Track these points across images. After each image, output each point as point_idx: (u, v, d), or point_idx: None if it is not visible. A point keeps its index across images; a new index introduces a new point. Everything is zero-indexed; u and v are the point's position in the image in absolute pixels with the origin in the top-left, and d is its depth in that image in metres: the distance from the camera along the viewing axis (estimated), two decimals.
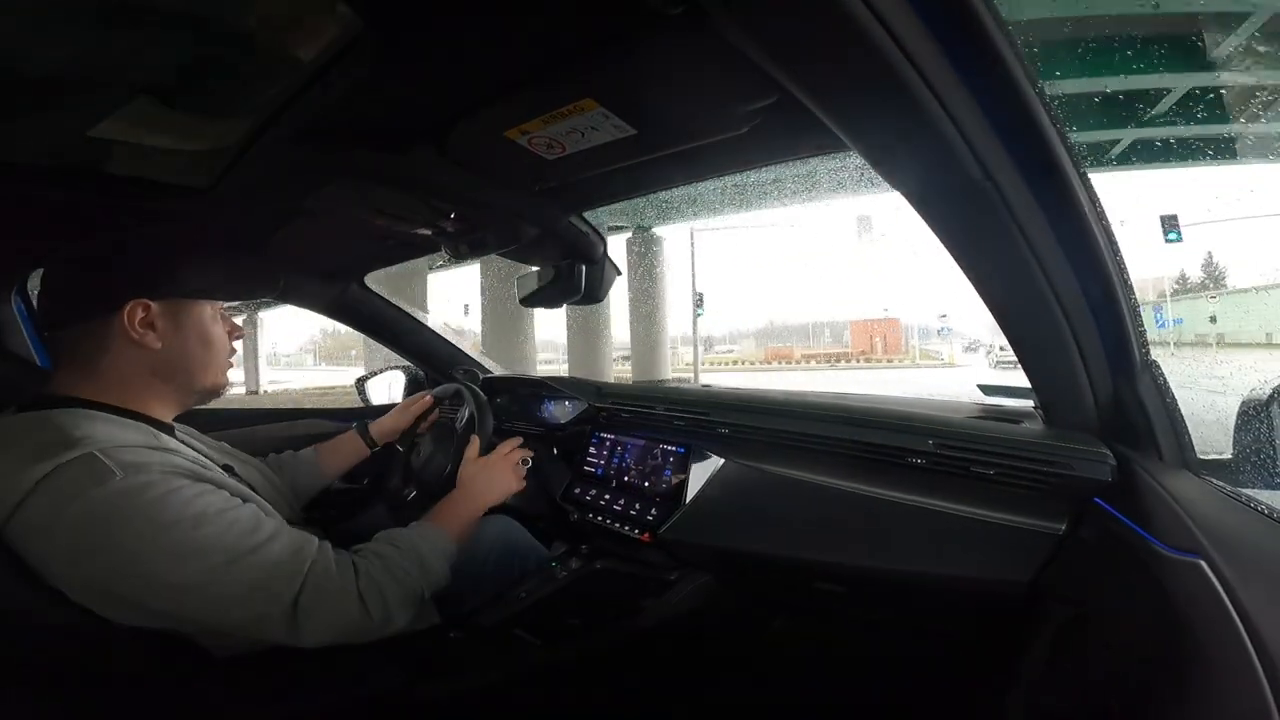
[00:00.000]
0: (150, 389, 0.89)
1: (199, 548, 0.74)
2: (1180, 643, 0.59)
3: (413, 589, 0.87)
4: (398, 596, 0.85)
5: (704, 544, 1.26)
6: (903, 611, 1.27)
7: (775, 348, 30.60)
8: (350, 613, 0.80)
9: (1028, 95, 0.58)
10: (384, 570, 0.85)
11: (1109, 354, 0.84)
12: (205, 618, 0.76)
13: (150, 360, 0.87)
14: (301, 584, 0.78)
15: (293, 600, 0.77)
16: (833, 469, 1.20)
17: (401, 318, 2.03)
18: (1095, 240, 0.71)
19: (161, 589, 0.73)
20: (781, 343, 47.29)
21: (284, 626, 0.77)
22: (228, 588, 0.75)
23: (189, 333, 0.91)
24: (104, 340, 0.85)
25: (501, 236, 1.27)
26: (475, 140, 0.91)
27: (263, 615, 0.76)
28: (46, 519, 0.72)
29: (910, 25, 0.51)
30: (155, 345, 0.87)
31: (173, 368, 0.90)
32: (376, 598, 0.83)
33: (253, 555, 0.76)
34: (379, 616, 0.82)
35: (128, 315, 0.84)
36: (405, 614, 0.85)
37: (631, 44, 0.68)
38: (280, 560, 0.78)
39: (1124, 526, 0.78)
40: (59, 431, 0.77)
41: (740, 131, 0.84)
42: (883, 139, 0.69)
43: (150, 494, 0.75)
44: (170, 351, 0.88)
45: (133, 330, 0.85)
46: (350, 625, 0.81)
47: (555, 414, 1.86)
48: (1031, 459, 0.94)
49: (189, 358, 0.91)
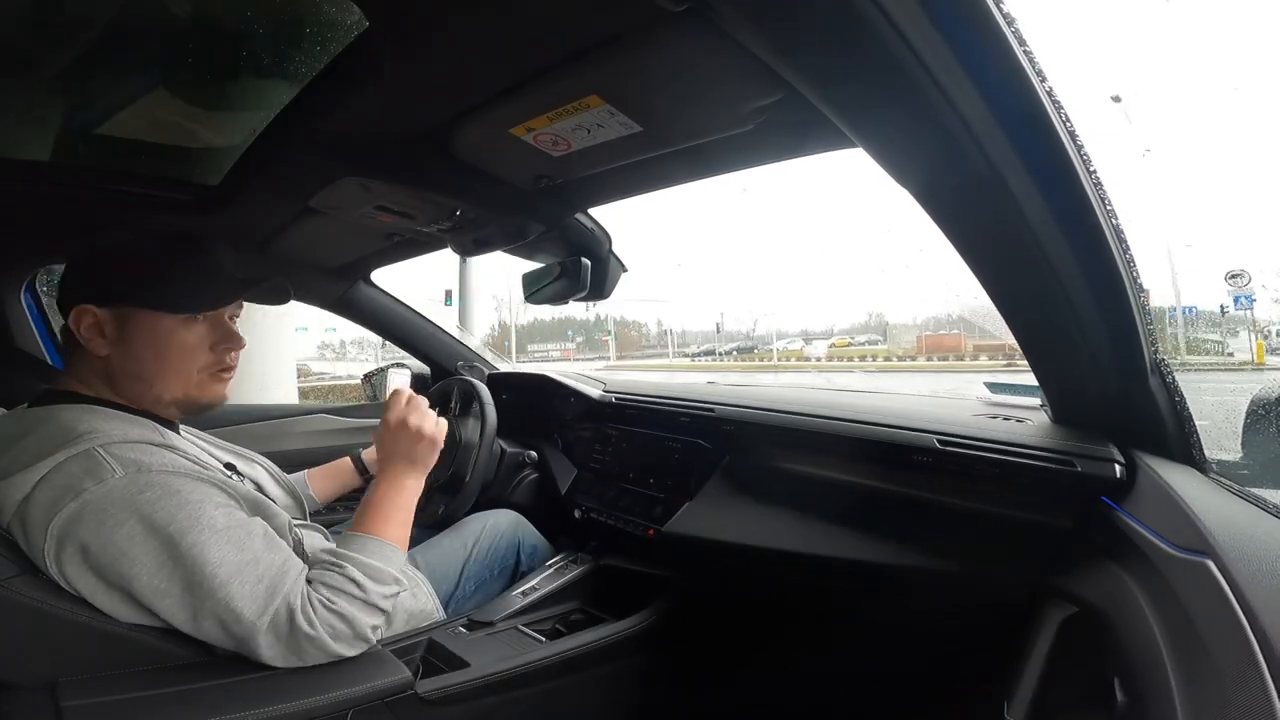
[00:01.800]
0: (119, 394, 0.87)
1: (180, 557, 0.74)
2: (1187, 643, 0.59)
3: (372, 615, 0.84)
4: (360, 628, 0.83)
5: (708, 539, 1.26)
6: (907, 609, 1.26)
7: (937, 336, 23.92)
8: (316, 649, 0.80)
9: (1035, 92, 0.58)
10: (346, 605, 0.82)
11: (1118, 353, 0.83)
12: (181, 623, 0.76)
13: (103, 365, 0.86)
14: (272, 617, 0.77)
15: (263, 631, 0.77)
16: (837, 466, 1.20)
17: (407, 315, 2.04)
18: (1105, 238, 0.71)
19: (143, 590, 0.74)
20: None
21: (251, 648, 0.77)
22: (200, 602, 0.75)
23: (135, 342, 0.86)
24: (72, 340, 0.86)
25: (507, 233, 1.28)
26: (481, 137, 0.91)
27: (231, 635, 0.77)
28: (46, 514, 0.73)
29: (916, 21, 0.50)
30: (101, 351, 0.85)
31: (124, 376, 0.87)
32: (344, 633, 0.81)
33: (230, 577, 0.76)
34: (345, 649, 0.82)
35: (74, 319, 0.84)
36: (365, 644, 0.84)
37: (637, 40, 0.67)
38: (256, 589, 0.77)
39: (1131, 526, 0.78)
40: (62, 427, 0.78)
41: (746, 128, 0.84)
42: (889, 136, 0.69)
43: (146, 495, 0.75)
44: (118, 360, 0.86)
45: (78, 334, 0.84)
46: (318, 658, 0.80)
47: (560, 410, 1.86)
48: (1038, 457, 0.94)
49: (140, 367, 0.87)
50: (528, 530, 1.44)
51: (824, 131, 0.84)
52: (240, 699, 0.76)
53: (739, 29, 0.58)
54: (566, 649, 1.10)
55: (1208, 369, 6.63)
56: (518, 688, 1.02)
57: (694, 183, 1.12)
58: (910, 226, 1.85)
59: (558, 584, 1.31)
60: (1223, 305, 9.32)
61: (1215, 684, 0.53)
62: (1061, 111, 0.61)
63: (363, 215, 1.19)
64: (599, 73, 0.73)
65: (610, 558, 1.42)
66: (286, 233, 1.36)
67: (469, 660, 1.01)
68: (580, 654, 1.10)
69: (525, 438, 1.80)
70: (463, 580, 1.26)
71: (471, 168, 1.00)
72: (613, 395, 1.72)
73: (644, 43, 0.67)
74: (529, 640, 1.14)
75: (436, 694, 0.92)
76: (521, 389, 1.99)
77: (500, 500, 1.62)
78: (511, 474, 1.68)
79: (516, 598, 1.26)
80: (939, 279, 4.31)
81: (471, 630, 1.14)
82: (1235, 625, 0.53)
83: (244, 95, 1.03)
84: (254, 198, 1.19)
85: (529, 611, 1.23)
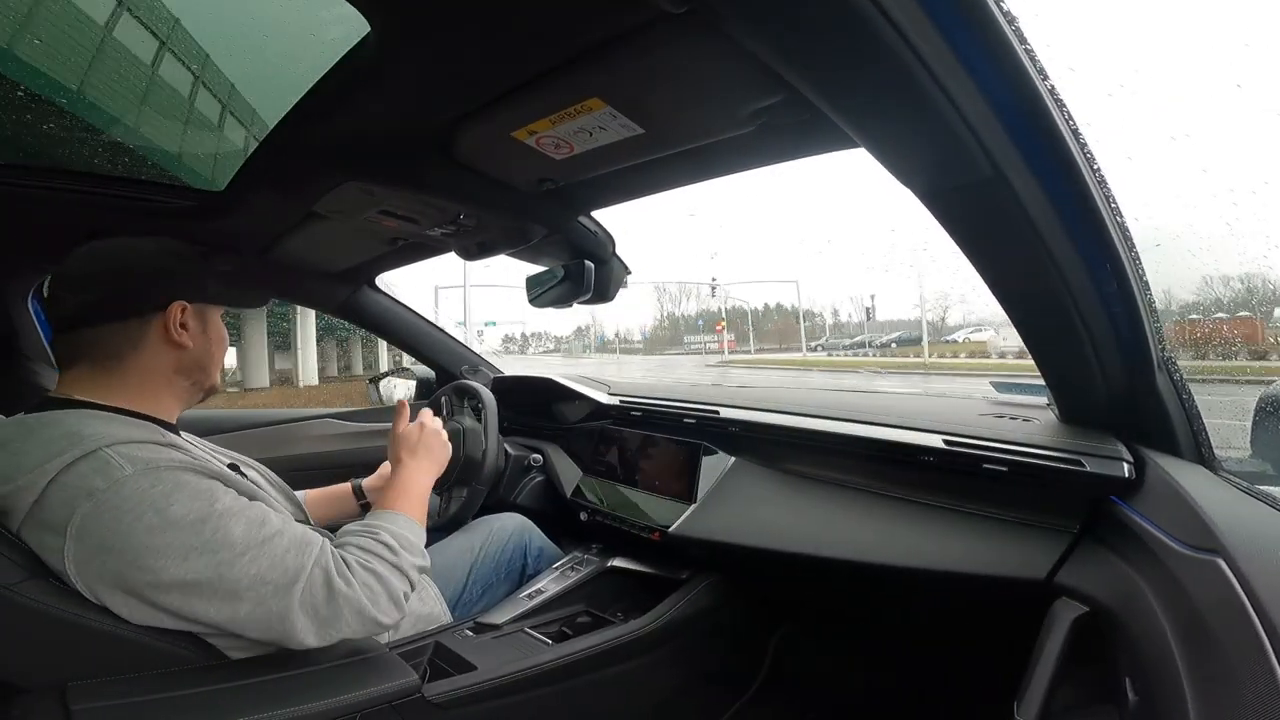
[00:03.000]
0: (170, 386, 0.92)
1: (205, 543, 0.75)
2: (1198, 642, 0.58)
3: (404, 581, 0.88)
4: (394, 591, 0.85)
5: (714, 541, 1.25)
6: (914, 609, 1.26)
7: (1216, 323, 5.45)
8: (353, 611, 0.81)
9: (1038, 91, 0.57)
10: (380, 565, 0.85)
11: (1125, 351, 0.83)
12: (212, 614, 0.76)
13: (178, 359, 0.90)
14: (307, 581, 0.79)
15: (299, 598, 0.78)
16: (843, 467, 1.20)
17: (411, 319, 2.04)
18: (1110, 237, 0.70)
19: (171, 584, 0.74)
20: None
21: (289, 624, 0.78)
22: (233, 583, 0.76)
23: (211, 334, 0.95)
24: (137, 339, 0.87)
25: (511, 237, 1.28)
26: (483, 141, 0.91)
27: (269, 612, 0.77)
28: (60, 517, 0.73)
29: (918, 21, 0.50)
30: (188, 344, 0.90)
31: (195, 366, 0.93)
32: (379, 594, 0.83)
33: (259, 550, 0.77)
34: (380, 614, 0.83)
35: (172, 315, 0.88)
36: (398, 611, 0.86)
37: (638, 43, 0.67)
38: (286, 558, 0.79)
39: (1141, 525, 0.77)
40: (68, 431, 0.78)
41: (748, 129, 0.84)
42: (890, 137, 0.69)
43: (160, 489, 0.76)
44: (196, 351, 0.92)
45: (174, 330, 0.88)
46: (352, 624, 0.81)
47: (565, 413, 1.86)
48: (1045, 457, 0.93)
49: (209, 357, 0.95)
50: (534, 533, 1.44)
51: (826, 132, 0.84)
52: (249, 702, 0.76)
53: (740, 31, 0.58)
54: (573, 652, 1.09)
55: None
56: (524, 691, 1.02)
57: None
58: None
59: (564, 587, 1.31)
60: None
61: (1227, 682, 0.53)
62: (1064, 109, 0.61)
63: (366, 220, 1.20)
64: (600, 75, 0.73)
65: (616, 560, 1.42)
66: (291, 238, 1.37)
67: (476, 664, 1.01)
68: (587, 657, 1.10)
69: (531, 441, 1.80)
70: (469, 583, 1.27)
71: (474, 171, 1.00)
72: (618, 398, 1.72)
73: (645, 45, 0.67)
74: (535, 643, 1.14)
75: (444, 697, 0.92)
76: (527, 392, 1.99)
77: (506, 503, 1.62)
78: (517, 477, 1.69)
79: (523, 600, 1.26)
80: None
81: (478, 633, 1.14)
82: (1247, 624, 0.53)
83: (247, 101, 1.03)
84: (258, 203, 1.19)
85: (535, 614, 1.24)
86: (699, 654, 1.30)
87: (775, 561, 1.21)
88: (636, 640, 1.17)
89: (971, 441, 1.02)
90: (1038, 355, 0.91)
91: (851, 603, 1.33)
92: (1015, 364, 16.49)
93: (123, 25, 1.03)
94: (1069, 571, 0.86)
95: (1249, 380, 1.42)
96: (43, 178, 1.15)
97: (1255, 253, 1.10)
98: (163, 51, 1.03)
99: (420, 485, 1.09)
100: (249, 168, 1.09)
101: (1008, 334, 19.76)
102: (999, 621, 1.09)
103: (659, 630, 1.21)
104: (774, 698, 1.41)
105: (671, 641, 1.23)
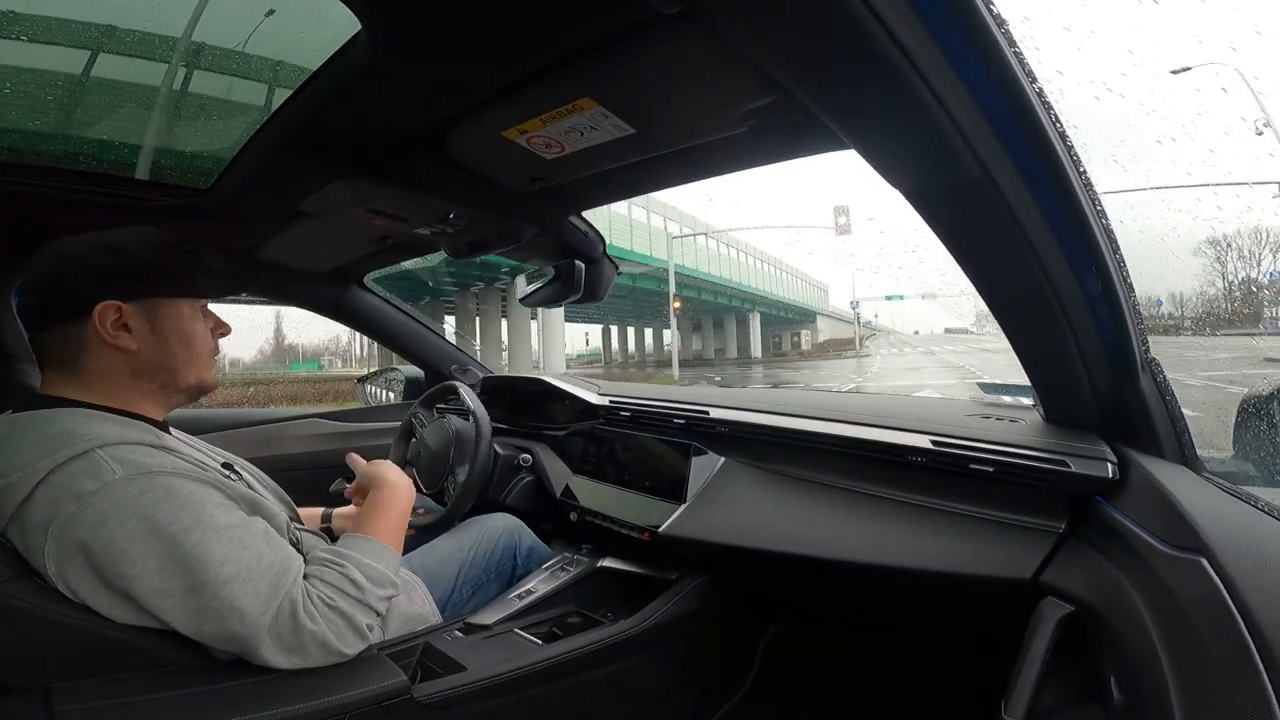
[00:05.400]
0: (136, 389, 0.88)
1: (183, 558, 0.74)
2: (1182, 640, 0.59)
3: (368, 614, 0.86)
4: (358, 625, 0.84)
5: (704, 541, 1.26)
6: (902, 609, 1.27)
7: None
8: (318, 644, 0.80)
9: (1026, 94, 0.58)
10: (345, 603, 0.84)
11: (1109, 352, 0.84)
12: (182, 625, 0.76)
13: (130, 361, 0.86)
14: (275, 613, 0.78)
15: (267, 628, 0.77)
16: (832, 467, 1.20)
17: (401, 319, 2.03)
18: (1094, 238, 0.71)
19: (146, 592, 0.74)
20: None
21: (254, 648, 0.77)
22: (203, 603, 0.75)
23: (166, 333, 0.88)
24: (82, 342, 0.84)
25: (501, 236, 1.28)
26: (474, 140, 0.91)
27: (234, 635, 0.77)
28: (46, 516, 0.72)
29: (907, 23, 0.51)
30: (130, 346, 0.85)
31: (153, 367, 0.88)
32: (344, 629, 0.82)
33: (233, 575, 0.76)
34: (344, 647, 0.82)
35: (98, 318, 0.83)
36: (362, 641, 0.85)
37: (630, 43, 0.68)
38: (259, 585, 0.77)
39: (1124, 524, 0.78)
40: (61, 430, 0.77)
41: (739, 131, 0.84)
42: (880, 137, 0.69)
43: (149, 496, 0.75)
44: (148, 352, 0.87)
45: (104, 333, 0.83)
46: (316, 655, 0.81)
47: (554, 413, 1.86)
48: (1030, 457, 0.94)
49: (169, 357, 0.89)
50: (524, 533, 1.43)
51: (817, 133, 0.84)
52: (235, 704, 0.76)
53: (731, 31, 0.58)
54: (563, 652, 1.09)
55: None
56: (514, 691, 1.01)
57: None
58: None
59: (554, 587, 1.31)
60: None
61: (1211, 681, 0.53)
62: (1051, 112, 0.61)
63: (356, 218, 1.19)
64: (591, 75, 0.73)
65: (606, 561, 1.41)
66: (279, 236, 1.36)
67: (465, 664, 1.01)
68: (576, 657, 1.10)
69: (520, 441, 1.80)
70: (459, 584, 1.26)
71: (465, 170, 1.00)
72: (607, 398, 1.72)
73: (637, 45, 0.67)
74: (525, 643, 1.13)
75: (433, 698, 0.92)
76: (516, 392, 1.99)
77: (496, 504, 1.62)
78: (507, 477, 1.68)
79: (513, 601, 1.25)
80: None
81: (468, 634, 1.13)
82: (1230, 622, 0.53)
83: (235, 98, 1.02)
84: (245, 201, 1.18)
85: (525, 615, 1.23)
86: (689, 654, 1.30)
87: (765, 561, 1.21)
88: (627, 640, 1.17)
89: (958, 442, 1.03)
90: (1024, 357, 0.92)
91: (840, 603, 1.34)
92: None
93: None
94: (1054, 571, 0.87)
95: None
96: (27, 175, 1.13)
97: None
98: (151, 48, 1.02)
99: (400, 501, 1.06)
100: (236, 165, 1.08)
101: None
102: (986, 621, 1.09)
103: (649, 630, 1.21)
104: (764, 697, 1.41)
105: (662, 642, 1.23)
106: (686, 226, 26.77)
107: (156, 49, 0.96)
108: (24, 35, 0.93)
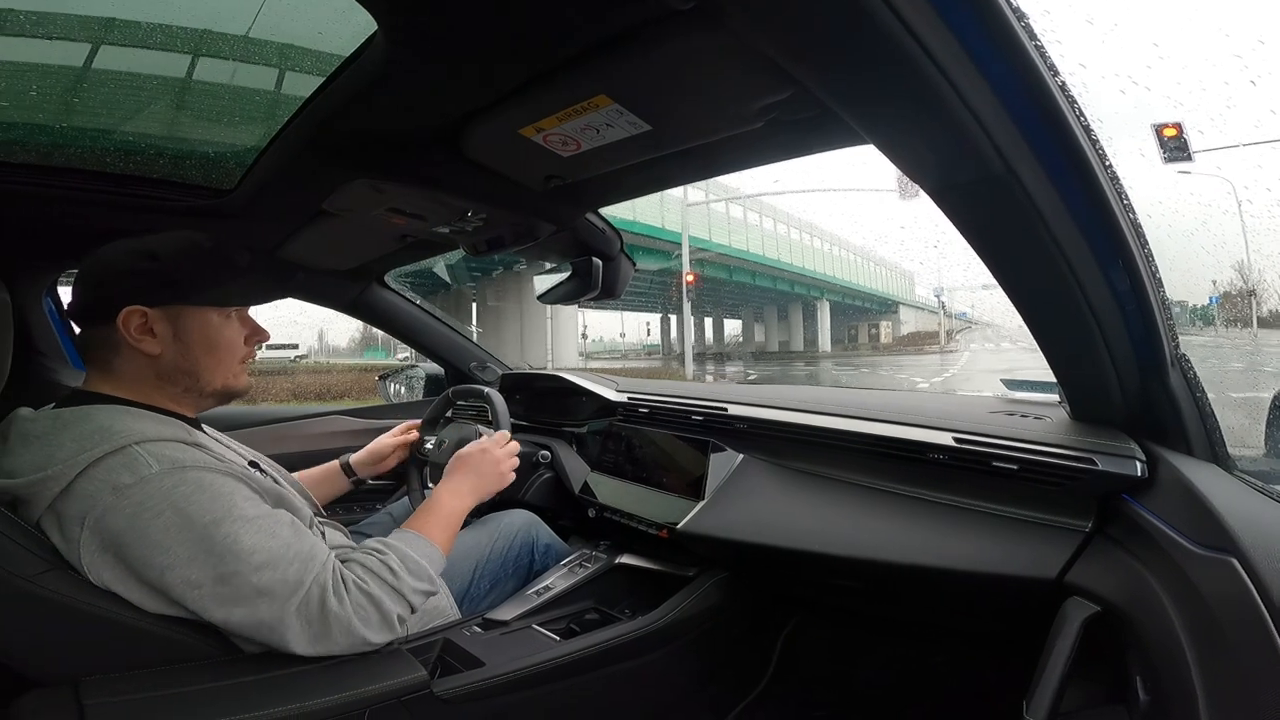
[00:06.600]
0: (161, 390, 0.91)
1: (214, 548, 0.77)
2: (1210, 641, 0.58)
3: (400, 603, 0.88)
4: (388, 613, 0.85)
5: (722, 538, 1.25)
6: (923, 608, 1.25)
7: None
8: (342, 629, 0.81)
9: (1048, 86, 0.57)
10: (377, 587, 0.85)
11: (1137, 349, 0.82)
12: (211, 614, 0.78)
13: (154, 364, 0.89)
14: (304, 596, 0.79)
15: (295, 609, 0.79)
16: (852, 465, 1.19)
17: (420, 316, 2.05)
18: (1122, 233, 0.70)
19: (176, 582, 0.76)
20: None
21: (281, 632, 0.79)
22: (234, 591, 0.77)
23: (190, 338, 0.91)
24: (113, 343, 0.88)
25: (518, 234, 1.28)
26: (491, 138, 0.91)
27: (261, 621, 0.78)
28: (84, 508, 0.75)
29: (926, 16, 0.50)
30: (154, 351, 0.88)
31: (177, 371, 0.91)
32: (371, 614, 0.84)
33: (263, 563, 0.78)
34: (369, 634, 0.84)
35: (123, 322, 0.86)
36: (390, 633, 0.86)
37: (646, 40, 0.67)
38: (288, 571, 0.79)
39: (1153, 523, 0.77)
40: (99, 425, 0.80)
41: (756, 126, 0.83)
42: (899, 132, 0.68)
43: (182, 489, 0.78)
44: (171, 356, 0.89)
45: (129, 336, 0.86)
46: (341, 641, 0.82)
47: (573, 409, 1.86)
48: (1056, 455, 0.93)
49: (192, 362, 0.91)
50: (542, 529, 1.44)
51: (834, 128, 0.83)
52: (258, 697, 0.77)
53: (747, 27, 0.58)
54: (581, 648, 1.10)
55: None
56: (532, 687, 1.02)
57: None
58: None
59: (572, 583, 1.32)
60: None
61: (1239, 682, 0.52)
62: (1075, 106, 0.60)
63: (375, 217, 1.20)
64: (608, 72, 0.73)
65: (624, 557, 1.42)
66: (300, 235, 1.37)
67: (484, 660, 1.02)
68: (595, 653, 1.10)
69: (539, 437, 1.81)
70: (477, 579, 1.27)
71: (482, 168, 1.00)
72: (625, 394, 1.72)
73: (652, 42, 0.67)
74: (543, 639, 1.14)
75: (452, 693, 0.93)
76: (535, 389, 2.00)
77: (514, 500, 1.63)
78: (526, 474, 1.69)
79: (531, 597, 1.26)
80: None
81: (486, 630, 1.14)
82: (1260, 623, 0.52)
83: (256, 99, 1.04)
84: (268, 201, 1.20)
85: (543, 611, 1.24)
86: (707, 651, 1.30)
87: (783, 559, 1.20)
88: (644, 637, 1.18)
89: (982, 439, 1.01)
90: (1049, 353, 0.90)
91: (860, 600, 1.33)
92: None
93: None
94: (1080, 570, 0.86)
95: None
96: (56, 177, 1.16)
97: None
98: (173, 51, 1.03)
99: (452, 508, 1.08)
100: (259, 166, 1.10)
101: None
102: (1008, 620, 1.08)
103: (667, 627, 1.21)
104: (782, 695, 1.41)
105: (679, 638, 1.23)
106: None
107: (180, 51, 0.98)
108: (54, 35, 0.95)
